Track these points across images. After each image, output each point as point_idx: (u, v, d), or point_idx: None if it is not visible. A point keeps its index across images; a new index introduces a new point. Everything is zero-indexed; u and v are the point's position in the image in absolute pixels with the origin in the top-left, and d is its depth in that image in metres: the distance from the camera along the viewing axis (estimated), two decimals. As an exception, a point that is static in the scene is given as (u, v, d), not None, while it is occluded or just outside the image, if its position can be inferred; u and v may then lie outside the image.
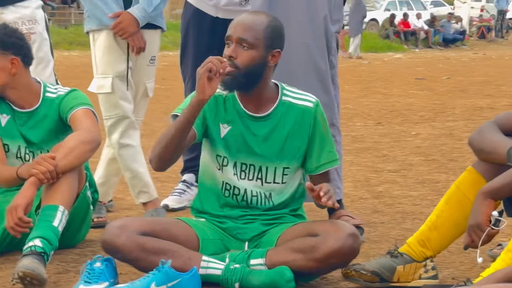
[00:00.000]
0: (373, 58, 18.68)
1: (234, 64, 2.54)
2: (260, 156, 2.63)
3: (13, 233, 2.62)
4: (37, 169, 2.62)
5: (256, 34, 2.55)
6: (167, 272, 2.43)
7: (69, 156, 2.69)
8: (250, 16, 2.61)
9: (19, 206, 2.58)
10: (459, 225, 2.50)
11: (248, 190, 2.65)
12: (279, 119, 2.63)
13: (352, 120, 7.23)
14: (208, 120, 2.64)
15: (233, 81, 2.55)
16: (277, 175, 2.64)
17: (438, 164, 4.96)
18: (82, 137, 2.74)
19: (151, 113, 7.32)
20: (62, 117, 2.91)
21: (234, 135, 2.63)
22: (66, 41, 17.89)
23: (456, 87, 10.74)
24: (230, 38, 2.56)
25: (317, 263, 2.47)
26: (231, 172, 2.64)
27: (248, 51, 2.54)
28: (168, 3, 3.59)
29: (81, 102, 2.88)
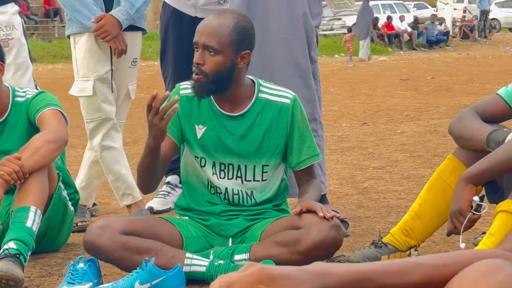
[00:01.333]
0: (358, 61, 18.75)
1: (201, 71, 2.52)
2: (238, 155, 2.62)
3: None
4: (3, 170, 2.59)
5: (221, 40, 2.51)
6: (150, 270, 2.41)
7: (34, 156, 2.66)
8: (216, 19, 2.55)
9: None
10: (442, 213, 2.50)
11: (229, 189, 2.64)
12: (255, 117, 2.62)
13: (338, 122, 7.24)
14: (183, 124, 2.64)
15: (203, 88, 2.54)
16: (256, 173, 2.64)
17: (423, 159, 4.97)
18: (47, 136, 2.72)
19: (136, 122, 7.32)
20: (31, 119, 2.88)
21: (210, 136, 2.62)
22: (50, 55, 17.85)
23: (441, 87, 10.79)
24: (197, 44, 2.54)
25: (301, 255, 2.46)
26: (210, 172, 2.64)
27: (215, 57, 2.52)
28: (152, 13, 3.58)
29: (48, 103, 2.86)
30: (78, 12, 3.35)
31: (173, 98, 2.50)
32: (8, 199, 2.80)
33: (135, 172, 4.24)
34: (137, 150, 5.81)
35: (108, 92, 3.40)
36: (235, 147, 2.62)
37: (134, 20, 3.40)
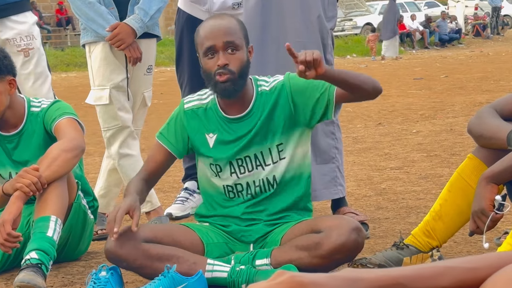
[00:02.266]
0: (370, 62, 18.71)
1: (229, 70, 2.53)
2: (250, 147, 2.62)
3: (3, 250, 2.59)
4: (21, 182, 2.60)
5: (238, 35, 2.56)
6: (172, 277, 2.41)
7: (52, 166, 2.67)
8: (220, 21, 2.59)
9: (6, 221, 2.55)
10: (463, 213, 2.48)
11: (250, 183, 2.64)
12: (261, 111, 2.62)
13: (353, 123, 7.22)
14: (192, 137, 2.67)
15: (234, 87, 2.55)
16: (273, 155, 2.63)
17: (440, 159, 4.95)
18: (64, 145, 2.72)
19: (151, 129, 7.33)
20: (47, 129, 2.89)
21: (222, 141, 2.64)
22: (63, 63, 17.94)
23: (455, 85, 10.74)
24: (214, 48, 2.54)
25: (322, 259, 2.45)
26: (229, 173, 2.64)
27: (236, 54, 2.54)
28: (163, 19, 3.60)
29: (64, 112, 2.87)
30: (93, 21, 3.36)
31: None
32: (29, 209, 2.81)
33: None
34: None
35: (124, 100, 3.41)
36: (247, 142, 2.62)
37: (148, 28, 3.41)
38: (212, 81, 2.57)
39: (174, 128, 2.69)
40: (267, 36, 3.16)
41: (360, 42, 23.02)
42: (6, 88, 2.82)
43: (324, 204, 3.72)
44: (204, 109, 2.66)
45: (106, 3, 3.37)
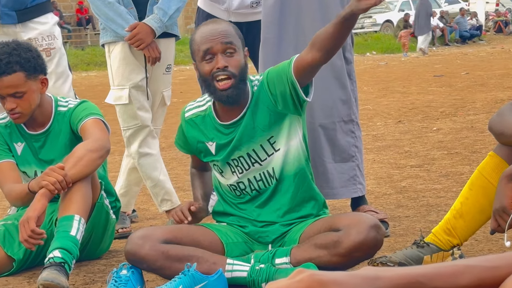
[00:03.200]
0: (390, 59, 18.63)
1: (231, 73, 2.53)
2: (241, 147, 2.63)
3: (27, 246, 2.62)
4: (47, 180, 2.63)
5: (235, 37, 2.56)
6: (193, 276, 2.42)
7: (78, 165, 2.69)
8: (216, 25, 2.59)
9: (31, 218, 2.58)
10: (484, 211, 2.47)
11: (251, 179, 2.64)
12: (252, 111, 2.61)
13: (372, 120, 7.20)
14: (195, 144, 2.71)
15: (237, 90, 2.55)
16: (267, 149, 2.62)
17: (461, 156, 4.92)
18: (89, 146, 2.75)
19: (171, 127, 7.37)
20: (73, 129, 2.92)
21: (220, 147, 2.66)
22: (83, 62, 18.06)
23: (476, 82, 10.66)
24: (211, 51, 2.53)
25: (342, 257, 2.44)
26: (230, 173, 2.67)
27: (234, 55, 2.54)
28: (182, 18, 3.62)
29: (90, 113, 2.89)
30: (112, 21, 3.38)
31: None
32: (51, 207, 2.84)
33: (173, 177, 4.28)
34: (173, 154, 5.85)
35: (144, 99, 3.43)
36: (236, 144, 2.63)
37: (167, 27, 3.42)
38: (211, 87, 2.55)
39: (183, 137, 2.76)
40: (285, 34, 3.16)
41: (379, 40, 22.94)
42: (38, 87, 2.86)
43: (343, 202, 3.72)
44: (202, 117, 2.68)
45: (125, 3, 3.39)
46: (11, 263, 2.87)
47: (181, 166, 5.30)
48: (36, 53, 2.87)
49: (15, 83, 2.79)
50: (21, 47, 2.83)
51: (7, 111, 2.85)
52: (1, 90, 2.80)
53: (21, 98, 2.82)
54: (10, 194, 2.83)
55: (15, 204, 2.96)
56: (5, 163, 2.90)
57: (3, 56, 2.78)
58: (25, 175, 2.96)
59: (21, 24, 3.46)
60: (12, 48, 2.82)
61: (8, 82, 2.78)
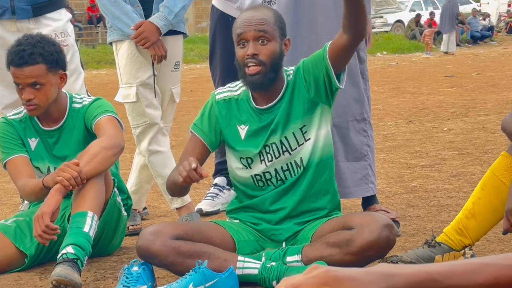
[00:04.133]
0: (401, 59, 18.58)
1: (260, 61, 2.54)
2: (275, 133, 2.63)
3: (41, 241, 2.64)
4: (61, 175, 2.64)
5: (271, 26, 2.57)
6: (204, 273, 2.43)
7: (92, 162, 2.70)
8: (255, 12, 2.61)
9: (45, 213, 2.59)
10: (496, 211, 2.46)
11: (278, 169, 2.64)
12: (289, 98, 2.63)
13: (383, 120, 7.18)
14: (223, 129, 2.67)
15: (264, 79, 2.56)
16: (298, 138, 2.63)
17: (472, 157, 4.90)
18: (104, 143, 2.76)
19: (180, 125, 7.38)
20: (87, 126, 2.93)
21: (253, 133, 2.64)
22: (94, 60, 18.11)
23: (487, 83, 10.62)
24: (245, 37, 2.55)
25: (354, 256, 2.44)
26: (259, 162, 2.65)
27: (268, 44, 2.55)
28: (193, 17, 3.63)
29: (104, 110, 2.91)
30: (118, 19, 3.39)
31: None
32: (64, 203, 2.85)
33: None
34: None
35: (152, 97, 3.44)
36: (272, 130, 2.63)
37: (173, 25, 3.43)
38: (241, 72, 2.59)
39: (208, 119, 2.70)
40: (299, 33, 3.16)
41: (390, 40, 22.87)
42: (57, 82, 2.89)
43: (354, 201, 3.71)
44: (236, 100, 2.67)
45: (132, 2, 3.40)
46: (23, 258, 2.88)
47: (191, 164, 5.30)
48: (59, 48, 2.91)
49: (35, 74, 2.82)
50: (45, 40, 2.89)
51: (23, 102, 2.86)
52: (21, 79, 2.82)
53: (39, 90, 2.84)
54: (24, 189, 2.85)
55: (29, 199, 2.97)
56: (19, 157, 2.92)
57: (27, 47, 2.82)
58: (38, 170, 2.97)
59: (35, 20, 3.47)
60: (37, 41, 2.86)
61: (29, 72, 2.81)
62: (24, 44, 2.83)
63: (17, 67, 2.81)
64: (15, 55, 2.81)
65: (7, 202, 4.34)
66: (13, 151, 2.93)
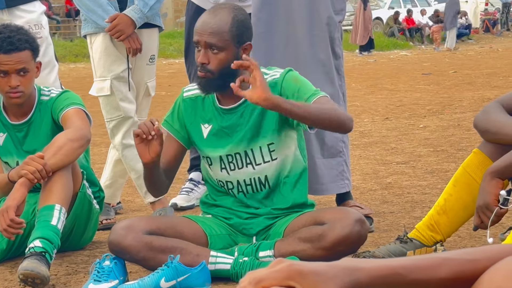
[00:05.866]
0: (379, 56, 18.66)
1: (208, 70, 2.53)
2: (241, 142, 2.61)
3: (6, 235, 2.60)
4: (26, 169, 2.61)
5: (223, 37, 2.52)
6: (176, 267, 2.42)
7: (57, 154, 2.67)
8: (212, 17, 2.55)
9: (10, 207, 2.56)
10: (467, 208, 2.48)
11: (240, 181, 2.63)
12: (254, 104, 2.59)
13: (360, 117, 7.21)
14: (188, 126, 2.67)
15: (210, 85, 2.55)
16: (264, 154, 2.61)
17: (447, 154, 4.94)
18: (70, 135, 2.74)
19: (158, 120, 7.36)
20: (55, 118, 2.91)
21: (215, 133, 2.64)
22: (72, 54, 17.96)
23: (463, 81, 10.70)
24: (198, 44, 2.54)
25: (326, 251, 2.45)
26: (219, 168, 2.64)
27: (218, 54, 2.52)
28: (172, 12, 3.60)
29: (72, 103, 2.88)
30: (93, 12, 3.37)
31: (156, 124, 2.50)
32: (35, 197, 2.82)
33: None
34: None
35: (126, 90, 3.42)
36: (238, 136, 2.62)
37: (148, 18, 3.41)
38: (197, 73, 2.59)
39: (177, 115, 2.70)
40: (275, 28, 3.15)
41: (369, 37, 22.92)
42: (35, 70, 2.88)
43: (328, 197, 3.72)
44: (202, 98, 2.66)
45: (106, -5, 3.38)
46: (-6, 253, 2.85)
47: (167, 159, 5.28)
48: (31, 35, 2.90)
49: (24, 59, 2.81)
50: (23, 28, 2.89)
51: (7, 89, 2.81)
52: (9, 66, 2.79)
53: (25, 77, 2.82)
54: None
55: None
56: None
57: (12, 34, 2.80)
58: (7, 165, 2.94)
59: (8, 11, 3.44)
60: (18, 28, 2.87)
61: (18, 58, 2.79)
62: (7, 31, 2.81)
63: (5, 54, 2.78)
64: (2, 42, 2.78)
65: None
66: None
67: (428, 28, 24.04)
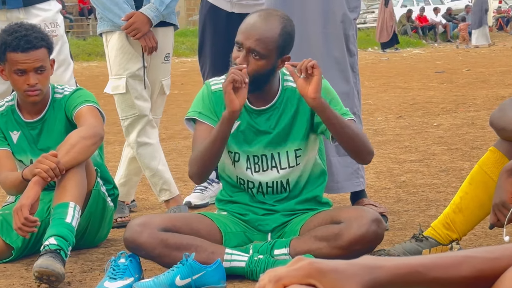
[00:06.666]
0: (392, 54, 18.60)
1: None
2: (269, 145, 2.61)
3: (21, 234, 2.62)
4: (40, 167, 2.62)
5: (268, 46, 2.50)
6: (191, 265, 2.42)
7: (71, 152, 2.68)
8: (263, 23, 2.52)
9: (24, 205, 2.57)
10: (483, 206, 2.47)
11: (263, 183, 2.63)
12: (283, 107, 2.61)
13: (373, 115, 7.19)
14: (219, 117, 2.64)
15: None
16: (290, 159, 2.62)
17: (461, 152, 4.92)
18: (83, 133, 2.74)
19: (170, 118, 7.36)
20: (68, 116, 2.92)
21: (243, 130, 2.62)
22: (85, 52, 18.02)
23: (477, 79, 10.65)
24: (241, 45, 2.52)
25: (342, 250, 2.45)
26: (244, 166, 2.64)
27: (259, 61, 2.51)
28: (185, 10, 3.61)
29: (85, 100, 2.89)
30: (109, 10, 3.38)
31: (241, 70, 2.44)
32: (49, 196, 2.83)
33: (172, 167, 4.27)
34: (173, 145, 5.84)
35: (141, 89, 3.43)
36: (267, 138, 2.61)
37: (164, 17, 3.42)
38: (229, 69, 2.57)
39: (210, 107, 2.63)
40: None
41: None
42: (50, 67, 2.89)
43: (343, 195, 3.71)
44: None
45: (122, -8, 3.38)
46: (10, 251, 2.87)
47: (181, 157, 5.29)
48: (46, 33, 2.91)
49: (41, 57, 2.83)
50: (36, 26, 2.90)
51: (26, 88, 2.82)
52: (27, 64, 2.81)
53: (42, 74, 2.84)
54: (4, 182, 2.83)
55: (10, 192, 2.96)
56: (1, 151, 2.90)
57: (28, 32, 2.82)
58: (21, 163, 2.95)
59: (24, 10, 3.46)
60: (32, 26, 2.88)
61: (36, 56, 2.81)
62: (23, 30, 2.82)
63: (23, 52, 2.79)
64: (19, 41, 2.79)
65: (-6, 193, 4.32)
66: None
67: (441, 26, 23.94)
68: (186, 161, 5.05)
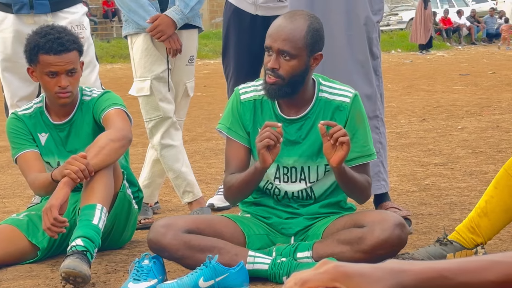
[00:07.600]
0: (415, 57, 18.50)
1: (278, 75, 2.52)
2: (300, 157, 2.61)
3: (50, 234, 2.64)
4: (69, 168, 2.65)
5: (297, 44, 2.50)
6: (214, 267, 2.43)
7: (99, 154, 2.71)
8: (288, 23, 2.52)
9: (53, 206, 2.60)
10: (509, 210, 2.45)
11: (289, 192, 2.64)
12: (315, 118, 2.60)
13: (396, 118, 7.16)
14: (248, 128, 2.65)
15: (279, 91, 2.54)
16: (319, 173, 2.62)
17: (486, 155, 4.88)
18: (112, 135, 2.77)
19: (193, 120, 7.39)
20: (96, 119, 2.94)
21: None
22: (108, 55, 18.15)
23: (502, 81, 10.55)
24: (270, 49, 2.52)
25: (365, 254, 2.44)
26: (273, 176, 2.64)
27: (290, 61, 2.51)
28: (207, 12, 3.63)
29: (113, 103, 2.91)
30: (134, 12, 3.40)
31: (276, 127, 2.47)
32: (75, 196, 2.86)
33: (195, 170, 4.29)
34: (195, 147, 5.86)
35: (166, 91, 3.45)
36: (298, 150, 2.61)
37: (189, 19, 3.43)
38: (264, 77, 2.57)
39: (238, 120, 2.65)
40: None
41: (405, 37, 22.76)
42: (80, 70, 2.92)
43: (366, 198, 3.70)
44: (260, 101, 2.63)
45: (147, -5, 3.41)
46: (36, 251, 2.90)
47: (203, 159, 5.31)
48: (75, 35, 2.95)
49: (73, 60, 2.86)
50: (67, 29, 2.94)
51: (57, 90, 2.85)
52: (60, 66, 2.84)
53: (73, 77, 2.87)
54: (34, 183, 2.86)
55: (39, 193, 2.98)
56: (30, 152, 2.93)
57: (61, 35, 2.85)
58: (48, 165, 2.98)
59: (52, 14, 3.49)
60: (63, 28, 2.92)
61: (68, 59, 2.84)
62: (55, 32, 2.85)
63: (56, 55, 2.83)
64: (52, 43, 2.82)
65: (20, 194, 4.37)
66: (23, 146, 2.94)
67: (465, 29, 23.76)
68: (209, 163, 5.07)
